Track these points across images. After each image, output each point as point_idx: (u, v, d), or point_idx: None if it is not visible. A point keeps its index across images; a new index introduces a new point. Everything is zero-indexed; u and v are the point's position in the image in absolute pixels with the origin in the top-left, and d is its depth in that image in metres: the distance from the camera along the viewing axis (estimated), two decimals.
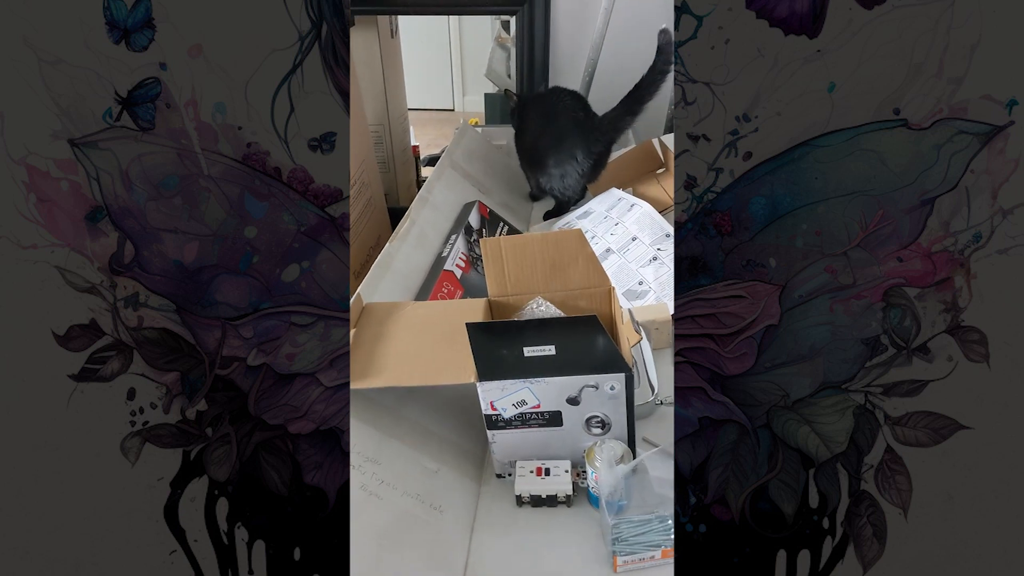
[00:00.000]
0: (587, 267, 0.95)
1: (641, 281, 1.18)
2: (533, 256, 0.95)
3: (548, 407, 0.80)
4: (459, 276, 1.19)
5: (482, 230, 1.38)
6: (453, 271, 1.19)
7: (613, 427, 0.81)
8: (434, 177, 1.42)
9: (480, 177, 1.57)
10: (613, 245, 1.28)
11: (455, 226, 1.34)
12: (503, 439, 0.83)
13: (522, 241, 1.00)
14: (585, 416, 0.80)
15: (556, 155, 1.46)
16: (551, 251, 0.95)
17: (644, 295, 1.15)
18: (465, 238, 1.30)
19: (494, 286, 0.97)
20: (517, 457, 0.84)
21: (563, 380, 0.78)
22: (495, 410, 0.80)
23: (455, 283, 1.18)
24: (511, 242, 0.97)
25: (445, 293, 1.14)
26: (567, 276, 0.96)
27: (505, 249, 0.96)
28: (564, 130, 1.45)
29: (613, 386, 0.77)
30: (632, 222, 1.29)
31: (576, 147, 1.44)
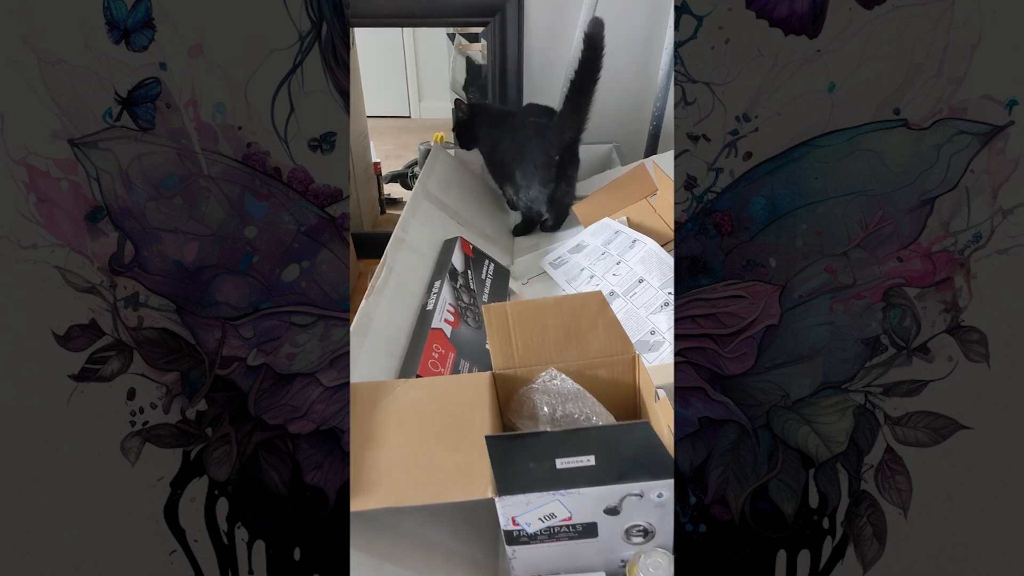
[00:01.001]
0: (607, 333, 0.83)
1: (653, 331, 1.05)
2: (544, 323, 0.83)
3: (582, 519, 0.67)
4: (449, 334, 1.05)
5: (467, 271, 1.25)
6: (442, 328, 1.05)
7: (657, 535, 0.69)
8: (408, 213, 1.29)
9: (457, 207, 1.45)
10: (617, 288, 1.15)
11: (437, 270, 1.21)
12: (525, 554, 0.69)
13: (532, 308, 0.86)
14: (625, 526, 0.68)
15: (520, 166, 1.39)
16: (566, 318, 0.84)
17: (658, 346, 1.02)
18: (450, 284, 1.16)
19: (500, 358, 0.83)
20: (541, 572, 0.71)
21: (602, 490, 0.65)
22: (517, 525, 0.67)
23: (445, 343, 1.04)
24: (519, 309, 0.84)
25: (436, 358, 0.99)
26: (584, 344, 0.83)
27: (512, 317, 0.83)
28: (526, 139, 1.39)
29: (661, 493, 0.65)
30: (637, 261, 1.17)
31: (536, 153, 1.37)
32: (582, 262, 1.26)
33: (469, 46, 2.02)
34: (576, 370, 0.82)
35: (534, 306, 0.88)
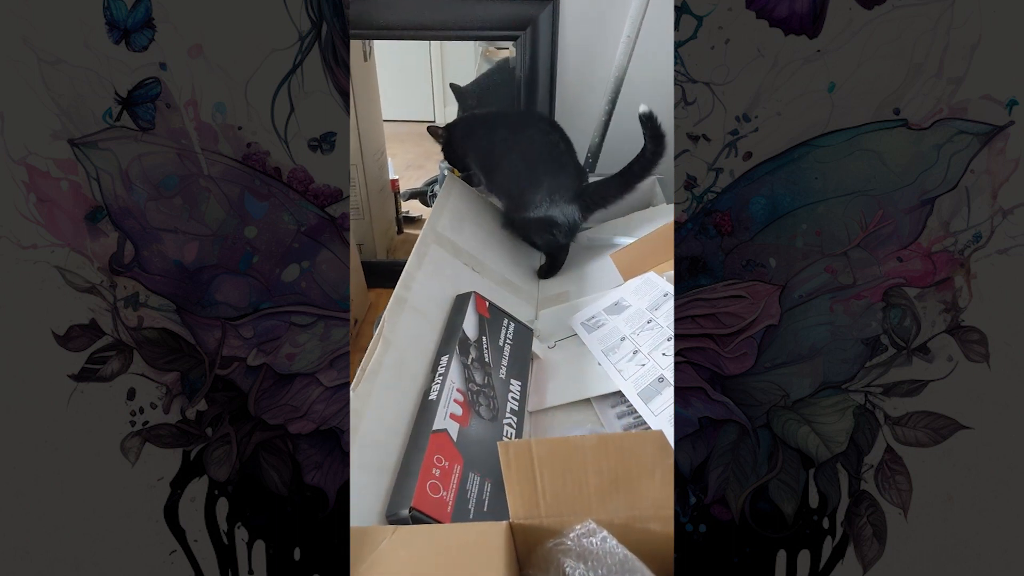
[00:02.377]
0: (664, 481, 0.65)
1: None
2: (583, 466, 0.65)
3: None
4: (455, 436, 0.85)
5: (482, 338, 1.04)
6: (446, 429, 0.85)
7: None
8: (413, 264, 1.08)
9: (472, 248, 1.25)
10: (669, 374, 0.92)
11: (445, 340, 1.02)
12: None
13: (566, 448, 0.67)
14: None
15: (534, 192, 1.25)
16: (613, 460, 0.66)
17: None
18: (460, 361, 0.96)
19: (520, 505, 0.66)
20: None
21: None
22: None
23: (450, 452, 0.83)
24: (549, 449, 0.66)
25: (438, 476, 0.79)
26: (635, 493, 0.65)
27: (539, 456, 0.66)
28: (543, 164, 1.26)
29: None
30: None
31: (560, 193, 1.24)
32: (622, 328, 1.07)
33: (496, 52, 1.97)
34: (621, 524, 0.64)
35: (569, 446, 0.68)
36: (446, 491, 0.79)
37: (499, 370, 1.02)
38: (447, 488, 0.79)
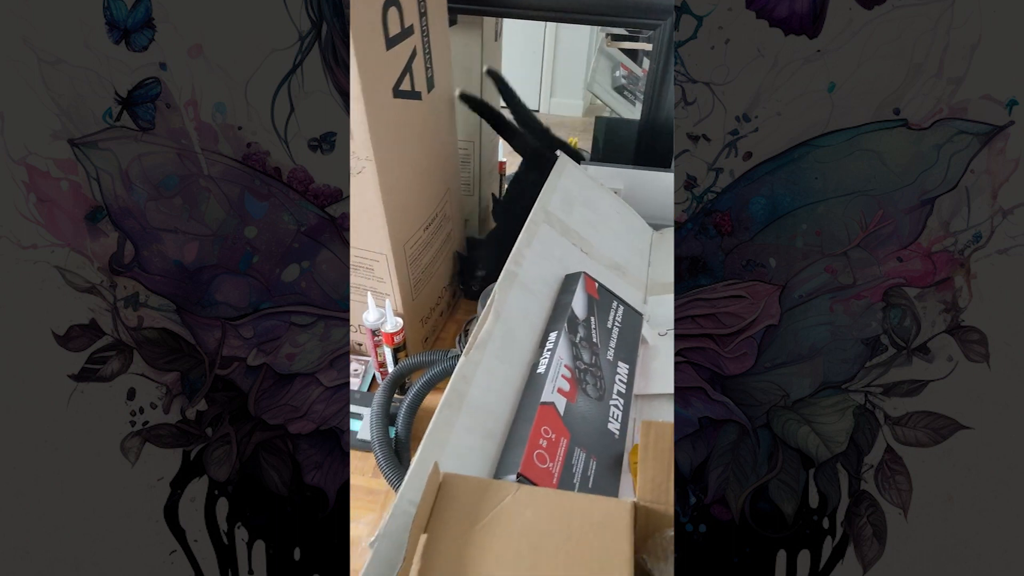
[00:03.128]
0: None
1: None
2: None
3: None
4: (563, 410, 0.85)
5: (590, 318, 1.02)
6: (554, 403, 0.84)
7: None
8: (523, 242, 1.07)
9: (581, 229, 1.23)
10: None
11: (554, 317, 1.00)
12: None
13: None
14: None
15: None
16: None
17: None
18: (568, 338, 0.95)
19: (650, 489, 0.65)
20: None
21: None
22: None
23: (557, 425, 0.83)
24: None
25: (544, 447, 0.79)
26: None
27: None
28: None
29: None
30: None
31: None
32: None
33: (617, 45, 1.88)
34: None
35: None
36: (552, 462, 0.79)
37: (607, 351, 1.01)
38: (553, 460, 0.79)
